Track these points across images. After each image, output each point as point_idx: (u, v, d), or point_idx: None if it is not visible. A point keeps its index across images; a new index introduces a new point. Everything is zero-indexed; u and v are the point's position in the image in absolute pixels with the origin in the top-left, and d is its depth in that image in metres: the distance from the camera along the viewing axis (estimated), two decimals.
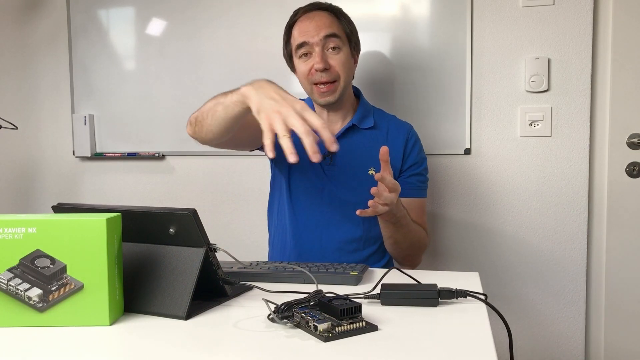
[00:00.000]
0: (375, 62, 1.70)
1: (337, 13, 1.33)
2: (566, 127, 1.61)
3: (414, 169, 1.35)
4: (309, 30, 1.27)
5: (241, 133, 1.18)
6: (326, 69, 1.26)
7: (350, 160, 1.32)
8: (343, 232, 1.32)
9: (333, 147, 0.86)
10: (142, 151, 1.93)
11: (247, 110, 0.99)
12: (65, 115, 2.02)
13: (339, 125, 1.36)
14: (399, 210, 1.16)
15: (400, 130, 1.37)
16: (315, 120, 0.87)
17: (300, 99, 1.03)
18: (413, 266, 1.36)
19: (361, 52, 1.41)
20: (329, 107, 1.33)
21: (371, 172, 1.31)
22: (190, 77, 1.87)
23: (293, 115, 0.87)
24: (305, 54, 1.29)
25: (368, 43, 1.68)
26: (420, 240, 1.31)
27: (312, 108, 1.36)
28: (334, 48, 1.28)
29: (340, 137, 1.33)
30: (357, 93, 1.41)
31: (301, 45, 1.28)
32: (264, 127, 0.89)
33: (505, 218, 1.67)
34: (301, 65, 1.30)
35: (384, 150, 1.07)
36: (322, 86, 1.27)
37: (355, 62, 1.37)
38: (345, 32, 1.32)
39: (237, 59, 1.82)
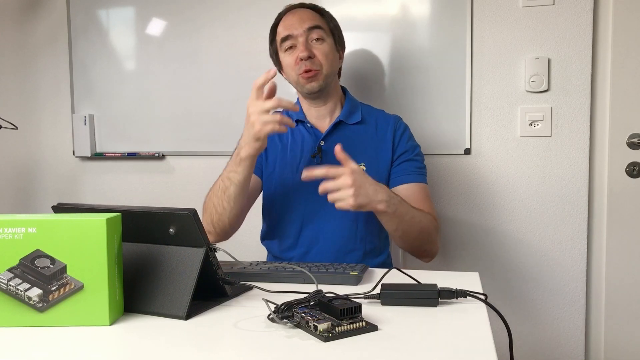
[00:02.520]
0: (375, 62, 1.70)
1: (319, 10, 1.37)
2: (566, 127, 1.61)
3: (406, 155, 1.34)
4: (293, 24, 1.31)
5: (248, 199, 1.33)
6: (310, 57, 1.28)
7: None
8: (338, 228, 1.31)
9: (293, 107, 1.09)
10: (142, 151, 1.93)
11: (248, 161, 1.15)
12: (65, 115, 2.02)
13: (326, 122, 1.36)
14: (392, 203, 1.12)
15: (388, 123, 1.38)
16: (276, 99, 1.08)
17: (277, 111, 1.09)
18: (431, 255, 1.29)
19: (361, 52, 1.41)
20: (315, 99, 1.34)
21: (362, 167, 1.31)
22: (190, 77, 1.86)
23: (261, 104, 1.08)
24: (290, 47, 1.31)
25: (368, 43, 1.69)
26: (429, 224, 1.24)
27: (300, 108, 1.38)
28: (317, 39, 1.31)
29: (328, 134, 1.34)
30: (344, 91, 1.42)
31: (286, 38, 1.31)
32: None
33: (505, 218, 1.67)
34: (287, 57, 1.32)
35: (337, 149, 1.09)
36: (305, 73, 1.29)
37: (341, 57, 1.39)
38: (329, 25, 1.35)
39: (237, 59, 1.82)
